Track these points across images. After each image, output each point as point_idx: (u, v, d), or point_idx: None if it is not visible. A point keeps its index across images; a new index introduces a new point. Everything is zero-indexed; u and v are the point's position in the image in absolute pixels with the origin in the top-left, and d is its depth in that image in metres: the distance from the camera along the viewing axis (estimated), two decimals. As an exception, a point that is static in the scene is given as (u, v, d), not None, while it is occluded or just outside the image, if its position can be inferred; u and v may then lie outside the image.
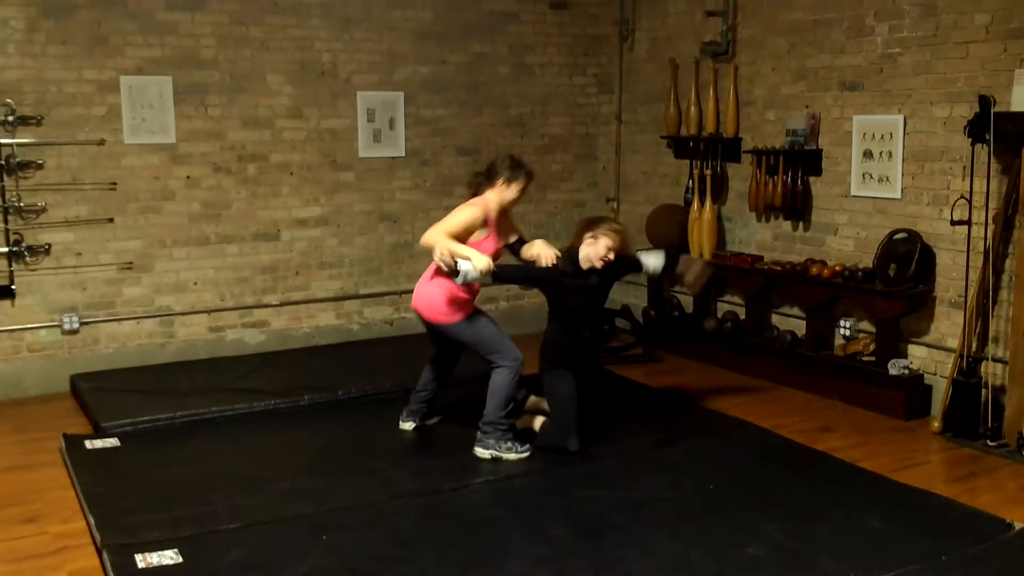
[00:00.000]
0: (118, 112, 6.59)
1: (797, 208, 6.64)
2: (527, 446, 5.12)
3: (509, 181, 5.18)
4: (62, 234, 6.52)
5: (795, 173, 6.61)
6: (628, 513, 4.45)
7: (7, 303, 6.41)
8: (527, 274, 5.37)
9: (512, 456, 5.07)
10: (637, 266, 5.46)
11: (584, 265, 5.13)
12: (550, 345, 5.28)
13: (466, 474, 4.91)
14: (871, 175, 6.22)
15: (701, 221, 7.20)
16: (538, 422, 5.36)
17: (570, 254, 5.19)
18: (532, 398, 5.62)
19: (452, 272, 4.92)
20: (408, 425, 5.58)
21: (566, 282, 5.14)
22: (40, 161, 6.39)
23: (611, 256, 5.10)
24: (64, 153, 6.47)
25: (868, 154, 6.22)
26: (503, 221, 5.25)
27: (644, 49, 8.03)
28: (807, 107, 6.63)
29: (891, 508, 4.47)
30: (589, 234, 5.14)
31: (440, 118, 7.73)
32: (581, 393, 5.28)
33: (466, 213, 5.13)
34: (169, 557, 3.98)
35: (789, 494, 4.67)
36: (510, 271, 5.35)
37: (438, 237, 4.99)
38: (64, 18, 6.36)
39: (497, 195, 5.19)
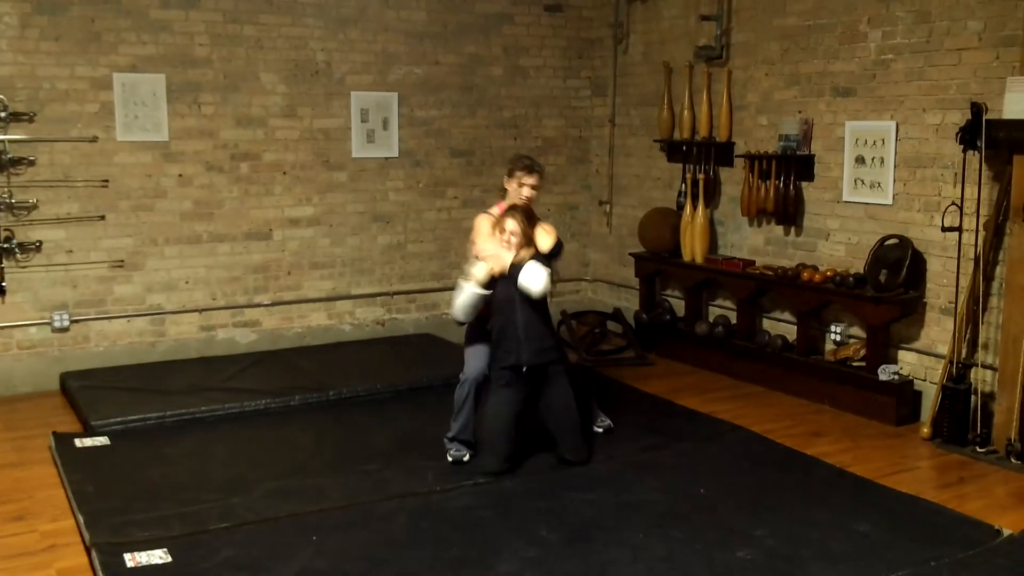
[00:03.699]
0: (111, 109, 6.57)
1: (789, 213, 6.66)
2: (462, 454, 5.09)
3: (508, 175, 5.24)
4: (53, 231, 6.50)
5: (787, 178, 6.63)
6: (619, 516, 4.46)
7: (-3, 300, 6.40)
8: None
9: (448, 457, 5.12)
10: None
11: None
12: (492, 345, 5.06)
13: (457, 475, 4.92)
14: (863, 181, 6.24)
15: (693, 225, 7.21)
16: None
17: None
18: None
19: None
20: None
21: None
22: (32, 158, 6.37)
23: (505, 237, 4.89)
24: (56, 150, 6.45)
25: (860, 160, 6.24)
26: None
27: (638, 52, 8.04)
28: (800, 112, 6.64)
29: (880, 513, 4.49)
30: (495, 223, 5.00)
31: (434, 119, 7.73)
32: (530, 406, 5.07)
33: (481, 223, 5.14)
34: (158, 556, 3.97)
35: (779, 498, 4.68)
36: None
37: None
38: (58, 15, 6.34)
39: (508, 196, 5.25)
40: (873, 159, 6.15)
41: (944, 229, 5.60)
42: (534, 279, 4.82)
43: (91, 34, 6.46)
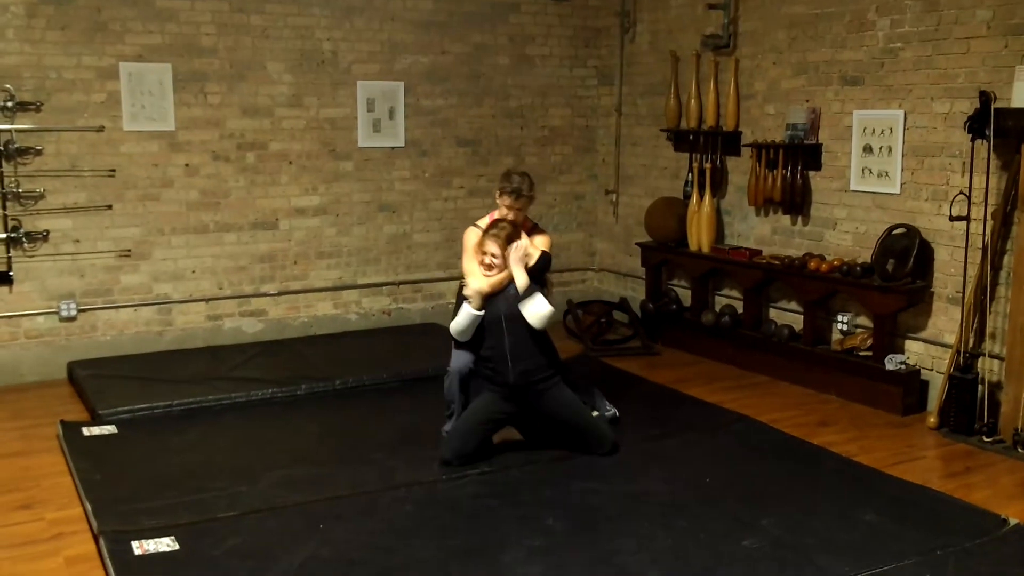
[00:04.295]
0: (117, 99, 6.57)
1: (796, 202, 6.64)
2: None
3: (499, 193, 5.17)
4: (60, 221, 6.51)
5: (795, 167, 6.61)
6: (624, 505, 4.46)
7: (5, 289, 6.41)
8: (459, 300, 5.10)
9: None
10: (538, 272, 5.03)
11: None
12: (481, 360, 5.05)
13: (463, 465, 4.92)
14: (871, 170, 6.22)
15: (700, 214, 7.20)
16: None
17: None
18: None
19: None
20: None
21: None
22: (39, 147, 6.38)
23: (494, 260, 4.89)
24: (63, 139, 6.46)
25: (868, 149, 6.21)
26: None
27: (645, 41, 8.02)
28: (807, 101, 6.62)
29: (886, 503, 4.48)
30: (479, 241, 4.95)
31: (440, 108, 7.72)
32: (532, 419, 5.08)
33: (468, 238, 5.13)
34: (166, 544, 3.99)
35: (785, 488, 4.68)
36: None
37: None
38: (64, 4, 6.34)
39: (498, 208, 5.19)
40: (881, 148, 6.13)
41: (952, 218, 5.58)
42: (536, 312, 4.86)
43: (97, 23, 6.46)
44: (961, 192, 5.55)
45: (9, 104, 6.22)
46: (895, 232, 5.98)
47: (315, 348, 6.99)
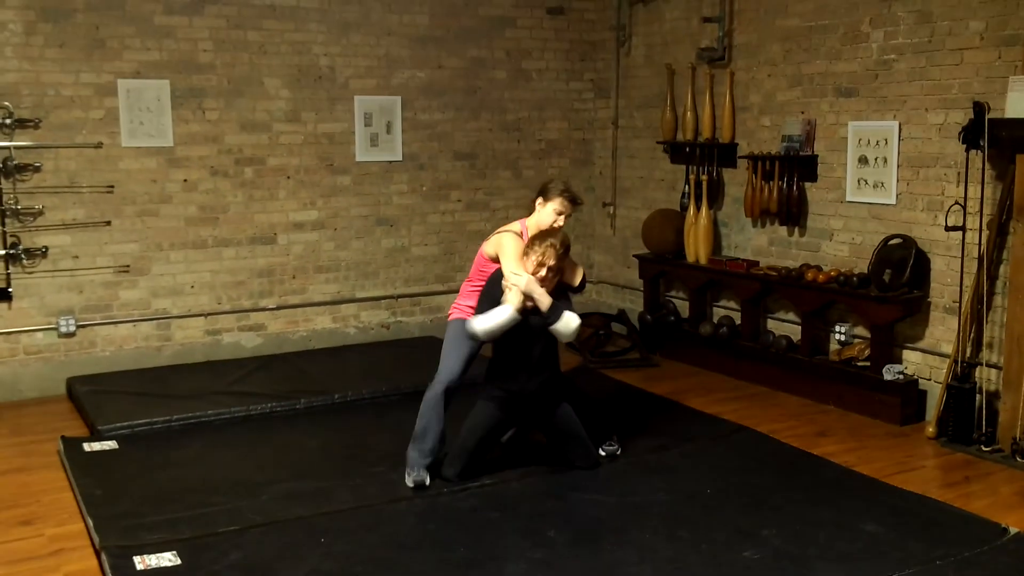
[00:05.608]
0: (116, 115, 6.60)
1: (792, 213, 6.67)
2: (421, 475, 4.81)
3: (543, 197, 5.00)
4: (59, 237, 6.52)
5: (791, 179, 6.64)
6: (625, 517, 4.47)
7: (4, 306, 6.42)
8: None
9: (407, 478, 4.85)
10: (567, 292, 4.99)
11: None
12: (490, 364, 4.98)
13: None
14: (866, 181, 6.25)
15: (697, 226, 7.22)
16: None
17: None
18: None
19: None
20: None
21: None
22: (38, 164, 6.40)
23: (543, 273, 4.71)
24: (61, 156, 6.48)
25: (863, 160, 6.25)
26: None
27: (641, 54, 8.06)
28: (803, 113, 6.66)
29: (886, 513, 4.49)
30: (529, 249, 4.80)
31: (437, 122, 7.75)
32: (531, 424, 5.06)
33: (511, 242, 4.84)
34: (168, 559, 3.99)
35: (785, 498, 4.69)
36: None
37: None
38: (62, 21, 6.37)
39: (535, 216, 5.02)
40: (876, 159, 6.16)
41: (948, 228, 5.61)
42: (570, 328, 4.79)
43: (95, 41, 6.49)
44: (956, 202, 5.58)
45: (8, 121, 6.24)
46: (891, 242, 6.01)
47: (314, 362, 6.99)
